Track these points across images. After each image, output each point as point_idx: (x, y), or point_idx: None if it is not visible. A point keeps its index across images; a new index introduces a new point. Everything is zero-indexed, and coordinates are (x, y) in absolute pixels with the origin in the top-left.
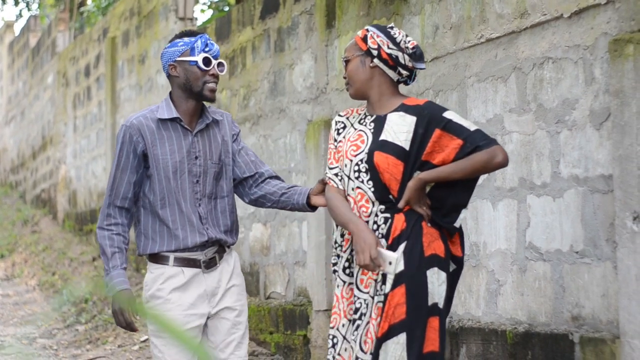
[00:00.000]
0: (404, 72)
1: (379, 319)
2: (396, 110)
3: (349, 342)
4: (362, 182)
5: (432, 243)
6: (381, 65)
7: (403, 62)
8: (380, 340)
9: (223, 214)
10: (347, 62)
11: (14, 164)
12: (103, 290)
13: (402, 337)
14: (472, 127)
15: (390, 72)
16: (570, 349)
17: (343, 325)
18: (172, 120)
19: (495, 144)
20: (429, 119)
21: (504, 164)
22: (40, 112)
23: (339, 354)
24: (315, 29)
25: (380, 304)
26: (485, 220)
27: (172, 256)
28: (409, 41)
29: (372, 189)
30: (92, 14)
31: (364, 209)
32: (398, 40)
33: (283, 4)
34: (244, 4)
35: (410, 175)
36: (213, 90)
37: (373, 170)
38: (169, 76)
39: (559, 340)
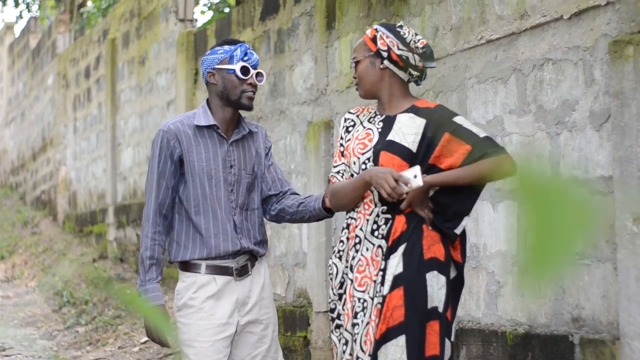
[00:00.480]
0: (415, 73)
1: (377, 320)
2: (406, 111)
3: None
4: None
5: (432, 246)
6: (391, 66)
7: (413, 62)
8: (379, 343)
9: (253, 226)
10: (356, 63)
11: (14, 166)
12: (90, 274)
13: (401, 340)
14: (482, 134)
15: (401, 73)
16: (570, 350)
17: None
18: (209, 127)
19: (504, 152)
20: (439, 122)
21: (511, 172)
22: (41, 113)
23: (350, 355)
24: (315, 31)
25: (379, 306)
26: (485, 222)
27: (204, 264)
28: (418, 40)
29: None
30: (92, 15)
31: (366, 206)
32: (408, 40)
33: (283, 6)
34: (244, 6)
35: None
36: (251, 99)
37: None
38: (207, 83)
39: (559, 341)
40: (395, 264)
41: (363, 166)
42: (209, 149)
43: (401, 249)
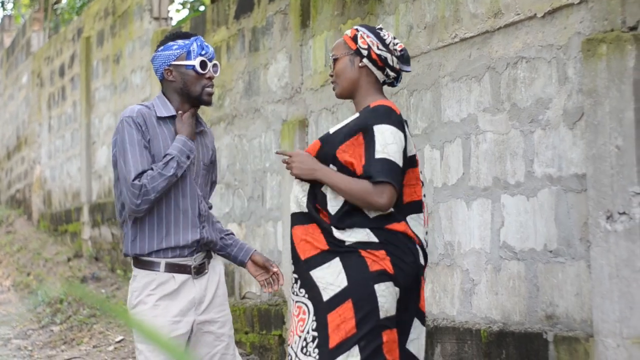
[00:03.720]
0: (391, 74)
1: (301, 315)
2: (362, 109)
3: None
4: None
5: (378, 262)
6: (370, 65)
7: (391, 63)
8: (333, 354)
9: (209, 219)
10: (335, 60)
11: None
12: (77, 293)
13: (355, 350)
14: (380, 155)
15: (378, 73)
16: (544, 347)
17: (295, 342)
18: (170, 117)
19: (386, 185)
20: (363, 120)
21: (383, 208)
22: (15, 112)
23: None
24: (289, 29)
25: (300, 304)
26: (459, 220)
27: (163, 262)
28: (397, 43)
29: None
30: (67, 12)
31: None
32: (387, 42)
33: (257, 4)
34: (218, 4)
35: (325, 157)
36: (210, 94)
37: None
38: (162, 80)
39: (533, 339)
40: (338, 277)
41: None
42: (172, 139)
43: (336, 262)
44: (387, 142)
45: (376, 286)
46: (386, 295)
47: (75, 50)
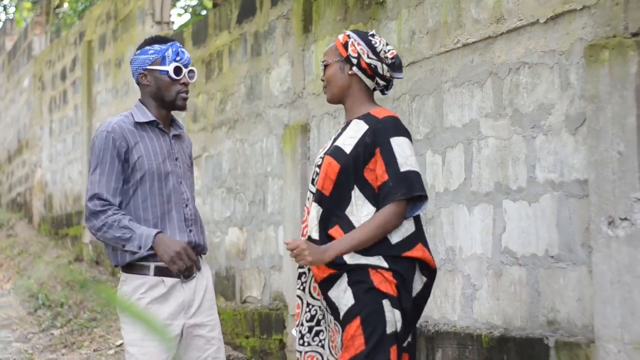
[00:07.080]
0: (382, 82)
1: (338, 336)
2: (360, 117)
3: (311, 346)
4: (313, 183)
5: (383, 283)
6: (359, 73)
7: (381, 72)
8: None
9: (197, 221)
10: (326, 66)
11: None
12: (72, 275)
13: None
14: (405, 167)
15: (368, 81)
16: (546, 353)
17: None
18: (149, 123)
19: (400, 202)
20: (377, 134)
21: (396, 223)
22: (16, 115)
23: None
24: (292, 34)
25: (335, 326)
26: (461, 225)
27: (152, 265)
28: (388, 50)
29: (314, 191)
30: (68, 16)
31: (307, 210)
32: (378, 49)
33: (260, 8)
34: (220, 8)
35: (347, 180)
36: (185, 100)
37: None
38: (138, 83)
39: (534, 344)
40: (344, 296)
41: (317, 169)
42: (154, 143)
43: (344, 280)
44: (407, 154)
45: (384, 301)
46: (392, 311)
47: (77, 54)
